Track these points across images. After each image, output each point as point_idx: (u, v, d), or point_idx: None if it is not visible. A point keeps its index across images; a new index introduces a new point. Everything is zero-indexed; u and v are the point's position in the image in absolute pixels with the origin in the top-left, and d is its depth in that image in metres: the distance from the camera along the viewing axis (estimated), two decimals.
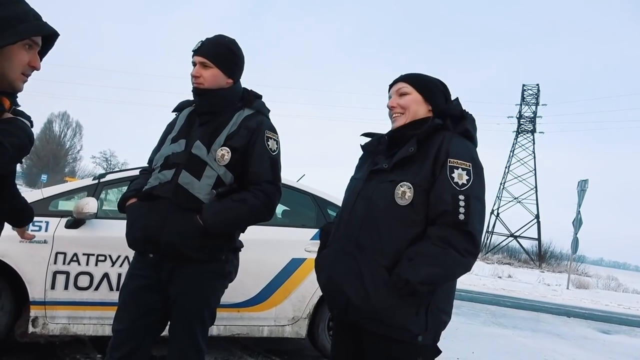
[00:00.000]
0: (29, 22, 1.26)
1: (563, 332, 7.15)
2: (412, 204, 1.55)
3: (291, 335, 3.74)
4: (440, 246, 1.49)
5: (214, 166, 1.87)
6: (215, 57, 1.91)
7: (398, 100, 1.74)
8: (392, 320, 1.53)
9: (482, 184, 1.58)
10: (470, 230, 1.50)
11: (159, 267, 1.89)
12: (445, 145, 1.58)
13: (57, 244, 3.13)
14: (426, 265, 1.48)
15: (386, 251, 1.55)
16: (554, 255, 35.57)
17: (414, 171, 1.59)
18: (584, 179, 16.70)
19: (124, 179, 3.56)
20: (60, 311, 3.13)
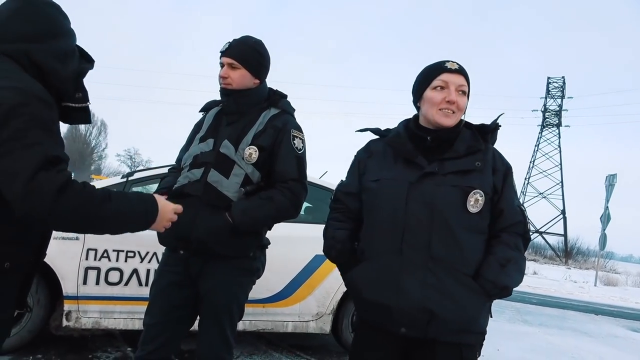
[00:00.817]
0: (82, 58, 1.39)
1: (591, 330, 7.01)
2: (481, 212, 1.54)
3: (315, 330, 3.77)
4: (518, 253, 1.57)
5: (242, 165, 1.91)
6: (242, 58, 1.95)
7: (458, 99, 1.58)
8: (480, 327, 1.56)
9: None
10: (529, 237, 1.63)
11: (188, 263, 1.94)
12: (499, 158, 1.63)
13: (88, 240, 3.23)
14: (516, 272, 1.55)
15: (468, 261, 1.52)
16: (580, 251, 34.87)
17: (477, 178, 1.55)
18: (612, 174, 16.28)
19: (151, 177, 3.64)
20: (92, 306, 3.23)
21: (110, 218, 1.21)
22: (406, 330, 1.50)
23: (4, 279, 1.22)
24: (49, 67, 1.24)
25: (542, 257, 34.02)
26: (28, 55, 1.22)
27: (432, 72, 1.60)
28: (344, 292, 3.79)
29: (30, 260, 1.30)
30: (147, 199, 1.33)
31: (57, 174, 1.11)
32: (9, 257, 1.21)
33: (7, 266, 1.20)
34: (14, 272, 1.24)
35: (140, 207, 1.29)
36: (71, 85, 1.31)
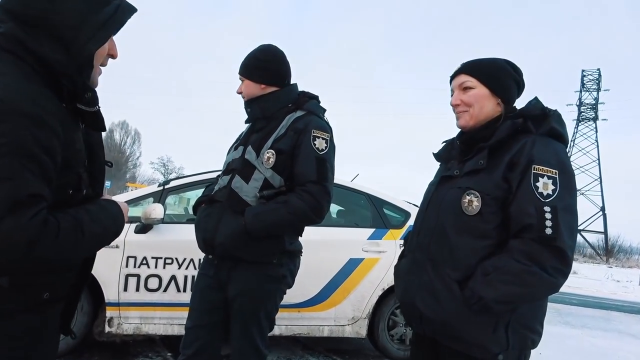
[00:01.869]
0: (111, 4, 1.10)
1: (637, 331, 6.74)
2: (480, 214, 1.42)
3: (351, 335, 3.75)
4: (522, 262, 1.33)
5: (261, 169, 1.92)
6: (243, 71, 2.05)
7: (461, 97, 1.56)
8: (469, 336, 1.41)
9: (572, 193, 1.40)
10: (560, 246, 1.32)
11: (218, 267, 1.98)
12: (527, 150, 1.41)
13: (127, 248, 3.31)
14: (504, 283, 1.34)
15: (457, 264, 1.43)
16: (622, 249, 33.64)
17: (482, 177, 1.46)
18: None
19: (186, 184, 3.72)
20: (133, 312, 3.31)
21: (84, 249, 1.07)
22: (414, 326, 1.59)
23: (44, 312, 1.09)
24: (52, 60, 1.01)
25: (582, 256, 32.96)
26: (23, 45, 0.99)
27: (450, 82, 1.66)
28: (380, 295, 3.77)
29: (72, 285, 1.19)
30: (115, 212, 1.18)
31: (30, 221, 0.90)
32: (47, 287, 1.08)
33: (47, 297, 1.08)
34: (55, 303, 1.12)
35: (110, 226, 1.14)
36: (79, 80, 1.06)
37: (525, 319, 1.43)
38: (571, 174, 1.41)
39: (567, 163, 1.42)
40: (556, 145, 1.44)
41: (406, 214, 4.11)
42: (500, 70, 1.56)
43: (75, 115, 1.08)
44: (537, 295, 1.38)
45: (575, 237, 1.41)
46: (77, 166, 1.07)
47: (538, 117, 1.49)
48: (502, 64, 1.57)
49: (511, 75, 1.56)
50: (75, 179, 1.06)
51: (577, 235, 1.45)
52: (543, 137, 1.44)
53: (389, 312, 3.85)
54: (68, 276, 1.14)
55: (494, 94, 1.54)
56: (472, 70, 1.56)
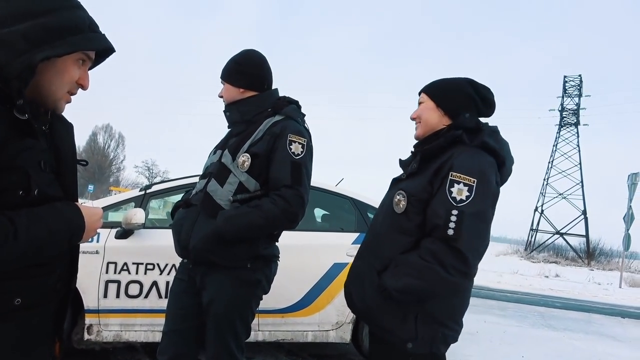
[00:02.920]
0: (82, 34, 1.12)
1: (618, 333, 6.83)
2: (406, 213, 1.57)
3: (335, 340, 3.74)
4: (425, 259, 1.47)
5: (236, 173, 1.92)
6: (224, 75, 2.08)
7: (417, 111, 1.77)
8: (381, 322, 1.58)
9: (485, 202, 1.51)
10: (459, 247, 1.44)
11: (193, 272, 1.97)
12: (452, 159, 1.54)
13: (108, 254, 3.25)
14: (406, 275, 1.49)
15: (380, 256, 1.60)
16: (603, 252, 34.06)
17: (413, 180, 1.62)
18: (634, 172, 15.94)
19: (168, 189, 3.67)
20: (113, 319, 3.25)
21: (16, 256, 1.01)
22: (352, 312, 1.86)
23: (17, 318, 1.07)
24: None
25: (564, 259, 33.34)
26: None
27: None
28: None
29: (55, 289, 1.16)
30: (71, 215, 1.13)
31: None
32: (19, 293, 1.06)
33: (18, 303, 1.05)
34: (31, 308, 1.09)
35: (60, 227, 1.09)
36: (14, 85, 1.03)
37: (436, 314, 1.55)
38: (490, 184, 1.52)
39: (488, 174, 1.53)
40: (483, 158, 1.56)
41: None
42: (450, 85, 1.72)
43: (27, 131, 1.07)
44: (436, 291, 1.50)
45: (482, 241, 1.51)
46: (24, 167, 1.04)
47: (473, 130, 1.63)
48: (456, 82, 1.73)
49: (463, 91, 1.69)
50: (23, 179, 1.03)
51: (487, 241, 1.54)
52: (473, 148, 1.57)
53: None
54: (43, 281, 1.11)
55: (438, 106, 1.70)
56: (426, 88, 1.77)
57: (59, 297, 1.18)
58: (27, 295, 1.07)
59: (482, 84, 1.74)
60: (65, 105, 1.19)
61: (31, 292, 1.08)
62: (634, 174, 15.94)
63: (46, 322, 1.15)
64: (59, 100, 1.16)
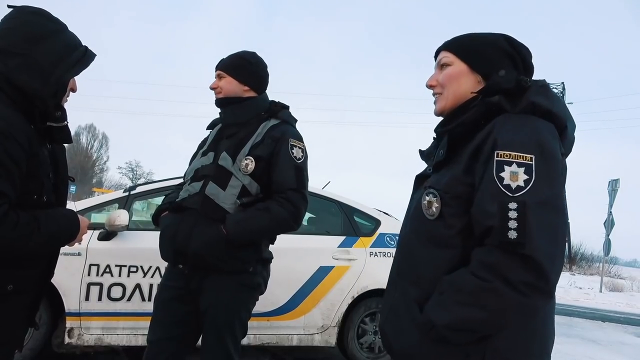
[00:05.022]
0: (78, 50, 1.36)
1: (598, 337, 6.93)
2: (442, 217, 1.15)
3: (320, 343, 3.72)
4: (481, 277, 1.03)
5: (238, 176, 1.89)
6: (228, 67, 2.01)
7: (437, 76, 1.30)
8: None
9: (553, 183, 1.06)
10: (529, 254, 1.00)
11: (188, 277, 1.92)
12: (493, 133, 1.11)
13: (90, 256, 3.20)
14: (457, 304, 1.05)
15: (417, 281, 1.18)
16: (584, 257, 34.60)
17: (443, 172, 1.20)
18: (614, 179, 16.24)
19: (153, 190, 3.63)
20: (95, 322, 3.20)
21: (38, 245, 1.26)
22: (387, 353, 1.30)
23: (8, 301, 1.29)
24: (27, 87, 1.25)
25: None
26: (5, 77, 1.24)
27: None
28: (349, 303, 3.75)
29: (37, 281, 1.38)
30: (71, 216, 1.38)
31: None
32: (12, 280, 1.28)
33: (11, 289, 1.27)
34: (20, 294, 1.31)
35: (66, 227, 1.36)
36: (51, 102, 1.31)
37: (510, 352, 1.09)
38: (554, 158, 1.08)
39: (549, 145, 1.08)
40: (537, 124, 1.11)
41: (376, 222, 4.11)
42: (485, 43, 1.26)
43: (43, 134, 1.32)
44: (504, 320, 1.05)
45: (560, 240, 1.06)
46: (41, 176, 1.28)
47: (513, 92, 1.17)
48: (491, 37, 1.27)
49: (501, 49, 1.25)
50: (39, 186, 1.28)
51: (565, 237, 1.09)
52: (520, 115, 1.14)
53: (359, 321, 3.83)
54: (32, 273, 1.34)
55: (473, 69, 1.25)
56: (452, 45, 1.30)
57: (36, 290, 1.40)
58: (18, 282, 1.29)
59: (519, 41, 1.29)
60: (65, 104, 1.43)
61: (21, 281, 1.30)
62: (614, 181, 16.22)
63: (25, 310, 1.37)
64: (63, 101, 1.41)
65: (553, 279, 1.03)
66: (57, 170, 1.41)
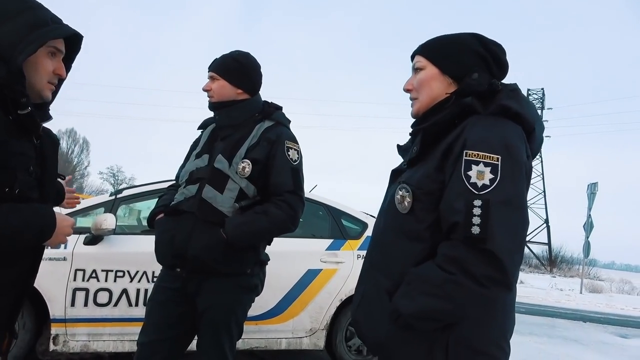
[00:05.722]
0: (47, 27, 1.22)
1: (580, 337, 7.06)
2: (413, 212, 1.20)
3: (309, 347, 3.72)
4: (446, 269, 1.10)
5: (235, 179, 1.89)
6: (221, 69, 1.98)
7: (412, 80, 1.36)
8: (400, 358, 1.20)
9: (517, 183, 1.12)
10: (490, 249, 1.07)
11: (186, 280, 1.90)
12: (464, 133, 1.17)
13: (76, 260, 3.16)
14: (423, 294, 1.12)
15: (388, 272, 1.24)
16: (565, 259, 35.24)
17: (416, 168, 1.26)
18: (593, 182, 16.56)
19: (140, 194, 3.60)
20: (81, 328, 3.15)
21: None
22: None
23: None
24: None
25: (528, 266, 34.28)
26: None
27: None
28: (338, 306, 3.76)
29: (14, 282, 1.26)
30: (45, 213, 1.25)
31: None
32: None
33: None
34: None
35: (34, 222, 1.22)
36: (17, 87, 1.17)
37: (472, 339, 1.15)
38: (519, 160, 1.14)
39: (515, 147, 1.14)
40: (506, 126, 1.17)
41: (364, 225, 4.14)
42: (455, 45, 1.30)
43: (23, 126, 1.22)
44: (466, 310, 1.12)
45: (520, 236, 1.13)
46: (13, 168, 1.18)
47: (486, 94, 1.23)
48: (462, 38, 1.32)
49: (471, 50, 1.29)
50: (9, 179, 1.17)
51: (525, 235, 1.16)
52: (490, 116, 1.19)
53: (347, 323, 3.85)
54: (7, 272, 1.23)
55: (444, 73, 1.30)
56: (424, 49, 1.35)
57: (15, 293, 1.28)
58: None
59: (491, 39, 1.33)
60: (50, 93, 1.30)
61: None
62: (593, 184, 16.54)
63: (1, 314, 1.25)
64: (42, 91, 1.27)
65: (512, 272, 1.09)
66: (43, 167, 1.31)
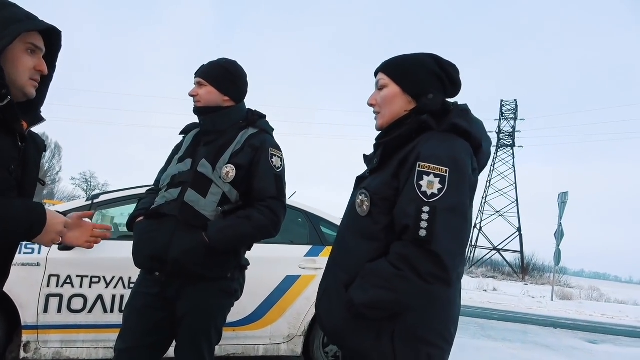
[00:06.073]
0: (21, 23, 1.22)
1: (551, 343, 7.23)
2: (370, 215, 1.36)
3: (287, 353, 3.72)
4: (395, 266, 1.24)
5: (219, 183, 1.90)
6: (208, 76, 2.00)
7: (376, 96, 1.50)
8: (353, 344, 1.34)
9: (461, 193, 1.27)
10: (435, 250, 1.21)
11: (165, 284, 1.89)
12: (418, 147, 1.32)
13: (50, 266, 3.09)
14: (374, 287, 1.26)
15: (349, 267, 1.38)
16: (536, 267, 35.98)
17: (375, 177, 1.41)
18: (564, 192, 16.99)
19: (117, 199, 3.55)
20: (53, 335, 3.08)
21: None
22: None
23: None
24: None
25: (501, 274, 34.91)
26: None
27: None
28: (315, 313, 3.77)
29: None
30: (35, 209, 1.22)
31: None
32: None
33: None
34: None
35: (22, 217, 1.19)
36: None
37: (416, 328, 1.30)
38: (465, 173, 1.29)
39: (462, 161, 1.29)
40: (455, 143, 1.32)
41: None
42: (415, 65, 1.45)
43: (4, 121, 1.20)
44: (410, 302, 1.26)
45: (462, 240, 1.27)
46: None
47: (439, 113, 1.40)
48: (421, 59, 1.47)
49: (429, 70, 1.44)
50: None
51: (467, 239, 1.30)
52: (442, 133, 1.34)
53: None
54: None
55: (405, 91, 1.45)
56: (387, 68, 1.50)
57: None
58: None
59: (447, 60, 1.48)
60: (33, 90, 1.29)
61: None
62: (564, 193, 16.98)
63: None
64: (25, 87, 1.27)
65: (452, 271, 1.24)
66: (25, 169, 1.31)
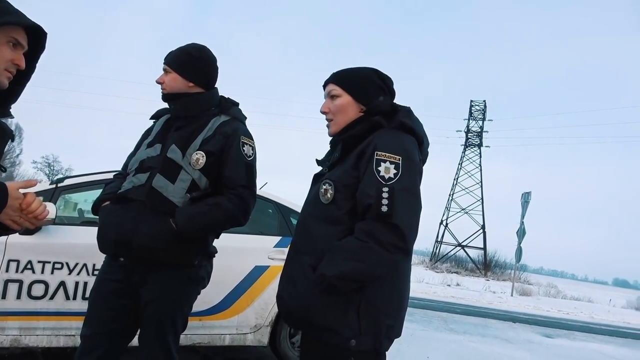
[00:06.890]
0: (9, 14, 1.25)
1: (510, 336, 7.48)
2: (334, 201, 1.51)
3: (253, 343, 3.72)
4: (361, 239, 1.40)
5: (188, 170, 1.88)
6: (173, 62, 1.98)
7: (329, 105, 1.68)
8: (321, 320, 1.44)
9: (413, 177, 1.48)
10: (396, 222, 1.39)
11: (130, 270, 1.87)
12: (374, 140, 1.50)
13: (9, 251, 2.98)
14: (344, 260, 1.40)
15: (315, 251, 1.49)
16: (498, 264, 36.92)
17: (337, 168, 1.57)
18: (527, 191, 17.52)
19: (83, 184, 3.45)
20: (11, 322, 2.98)
21: None
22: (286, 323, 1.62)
23: None
24: None
25: (464, 270, 35.73)
26: None
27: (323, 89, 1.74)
28: None
29: None
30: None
31: None
32: None
33: None
34: None
35: None
36: None
37: (378, 301, 1.46)
38: (414, 161, 1.49)
39: (411, 152, 1.50)
40: (404, 137, 1.53)
41: None
42: (363, 78, 1.65)
43: None
44: (376, 270, 1.40)
45: (415, 215, 1.46)
46: None
47: (388, 113, 1.60)
48: (366, 72, 1.67)
49: (375, 84, 1.65)
50: None
51: (419, 214, 1.50)
52: (392, 130, 1.55)
53: None
54: None
55: (357, 101, 1.64)
56: (339, 79, 1.67)
57: None
58: None
59: (385, 73, 1.71)
60: (6, 80, 1.31)
61: None
62: (526, 193, 17.51)
63: None
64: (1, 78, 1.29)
65: (410, 241, 1.43)
66: None
